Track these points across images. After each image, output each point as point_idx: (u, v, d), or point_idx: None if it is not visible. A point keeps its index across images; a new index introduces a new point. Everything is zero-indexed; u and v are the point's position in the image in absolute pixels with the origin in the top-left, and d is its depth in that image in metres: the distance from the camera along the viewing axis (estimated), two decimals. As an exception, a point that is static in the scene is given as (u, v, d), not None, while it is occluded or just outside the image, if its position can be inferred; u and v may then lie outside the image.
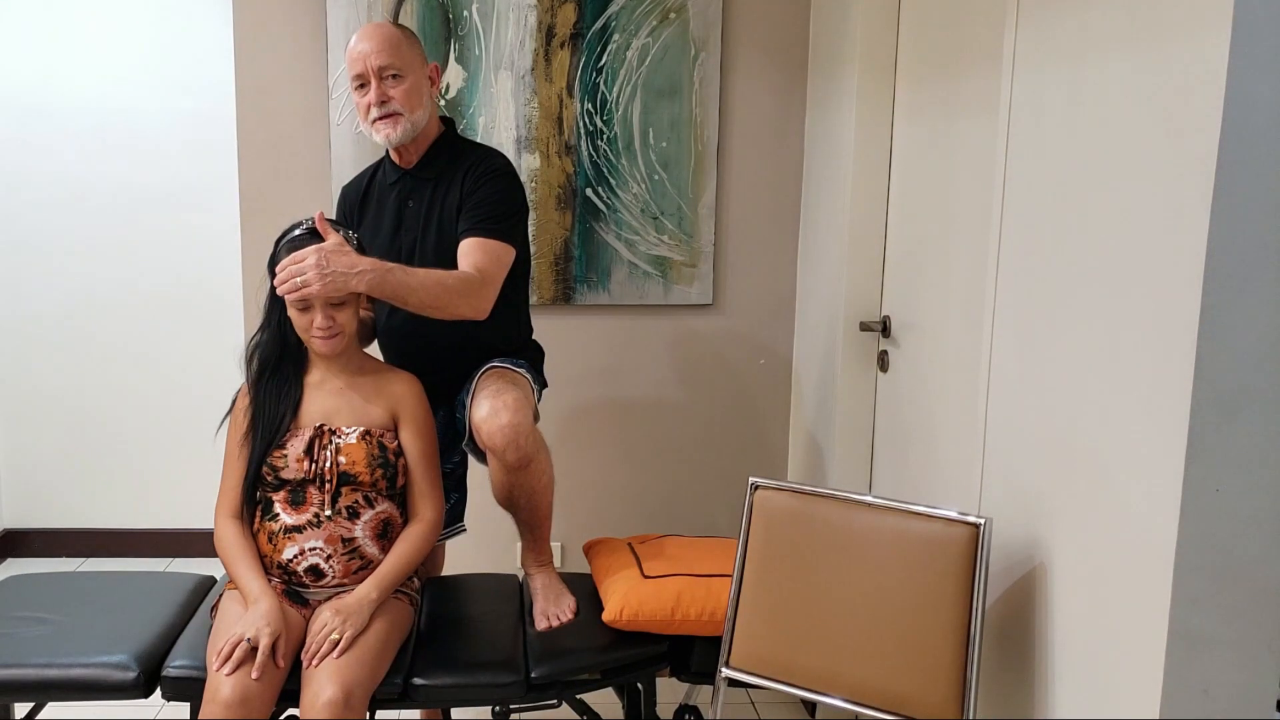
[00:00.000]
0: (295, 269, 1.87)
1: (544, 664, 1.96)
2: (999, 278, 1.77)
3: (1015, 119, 1.72)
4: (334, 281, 1.87)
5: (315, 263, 1.86)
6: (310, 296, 1.89)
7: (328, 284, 1.87)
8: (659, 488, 3.06)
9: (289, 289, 1.88)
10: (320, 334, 1.93)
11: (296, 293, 1.88)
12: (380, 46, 2.11)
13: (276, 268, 1.91)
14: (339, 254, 1.89)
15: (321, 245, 1.89)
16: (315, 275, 1.86)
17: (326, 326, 1.93)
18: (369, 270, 1.91)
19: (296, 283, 1.86)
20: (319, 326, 1.92)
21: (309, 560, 1.93)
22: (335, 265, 1.87)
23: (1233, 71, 1.17)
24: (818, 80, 2.83)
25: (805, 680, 1.82)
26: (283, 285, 1.88)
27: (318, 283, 1.86)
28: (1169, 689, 1.30)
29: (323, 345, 1.96)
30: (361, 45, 2.12)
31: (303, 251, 1.88)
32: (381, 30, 2.14)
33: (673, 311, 2.98)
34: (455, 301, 2.01)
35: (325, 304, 1.92)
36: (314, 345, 1.98)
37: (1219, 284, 1.21)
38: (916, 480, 2.25)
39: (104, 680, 1.87)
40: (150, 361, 3.78)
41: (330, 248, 1.89)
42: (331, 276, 1.87)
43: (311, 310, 1.92)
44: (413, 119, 2.14)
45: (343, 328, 1.95)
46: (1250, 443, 1.24)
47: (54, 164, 3.67)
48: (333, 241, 1.91)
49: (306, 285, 1.86)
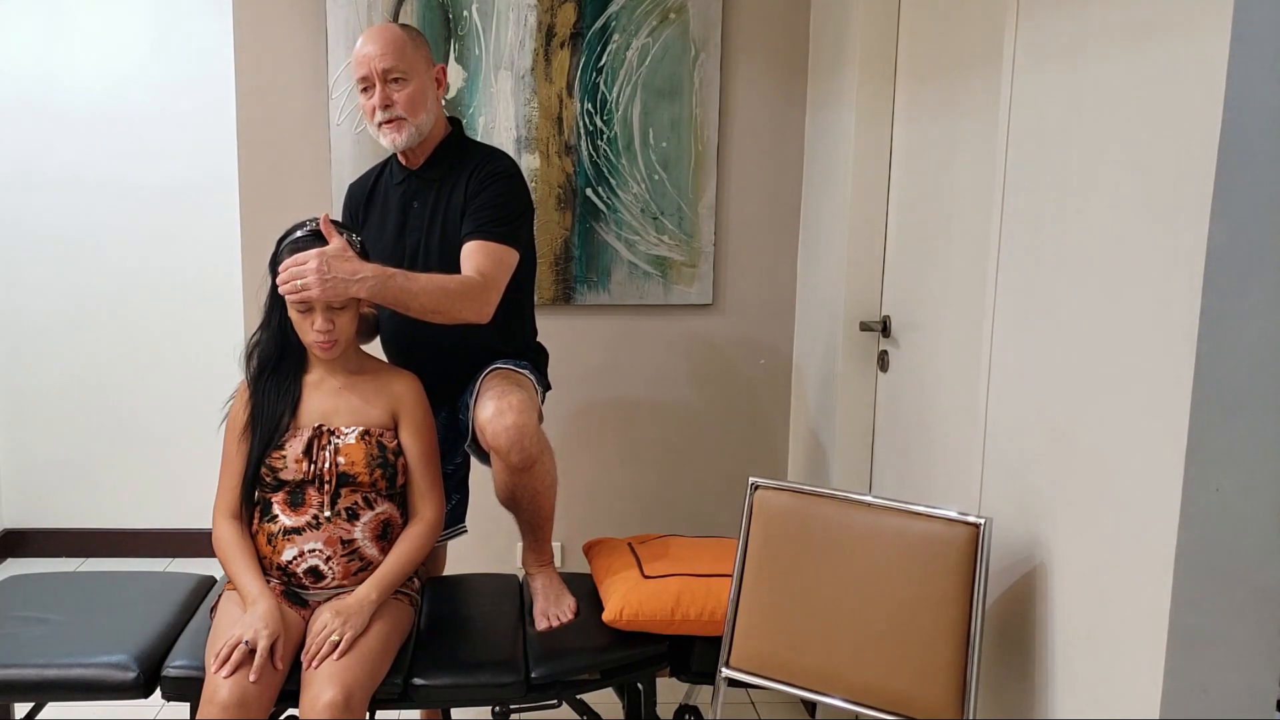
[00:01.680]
0: (297, 271, 1.87)
1: (544, 664, 1.96)
2: (999, 277, 1.76)
3: (1015, 119, 1.71)
4: (334, 287, 1.87)
5: (316, 267, 1.86)
6: (310, 300, 1.90)
7: (328, 289, 1.87)
8: (659, 488, 3.06)
9: (289, 290, 1.88)
10: (319, 337, 1.93)
11: (297, 295, 1.88)
12: (385, 49, 2.10)
13: (279, 268, 1.91)
14: (341, 259, 1.89)
15: (324, 250, 1.89)
16: (316, 280, 1.86)
17: (326, 330, 1.93)
18: (370, 277, 1.90)
19: (297, 285, 1.87)
20: (318, 329, 1.93)
21: (308, 562, 1.93)
22: (336, 270, 1.87)
23: (1233, 71, 1.17)
24: (818, 80, 2.83)
25: (805, 680, 1.82)
26: (284, 285, 1.89)
27: (317, 287, 1.86)
28: (1169, 689, 1.30)
29: (321, 350, 1.96)
30: (367, 48, 2.11)
31: (305, 254, 1.88)
32: (387, 33, 2.13)
33: (673, 311, 2.98)
34: (457, 306, 2.00)
35: (326, 307, 1.92)
36: (313, 349, 1.98)
37: (1219, 284, 1.21)
38: (916, 480, 2.25)
39: (104, 680, 1.87)
40: (150, 361, 3.78)
41: (332, 252, 1.89)
42: (332, 282, 1.87)
43: (312, 313, 1.93)
44: (417, 123, 2.13)
45: (341, 333, 1.96)
46: (1250, 443, 1.24)
47: (54, 163, 3.67)
48: (335, 246, 1.91)
49: (307, 289, 1.86)
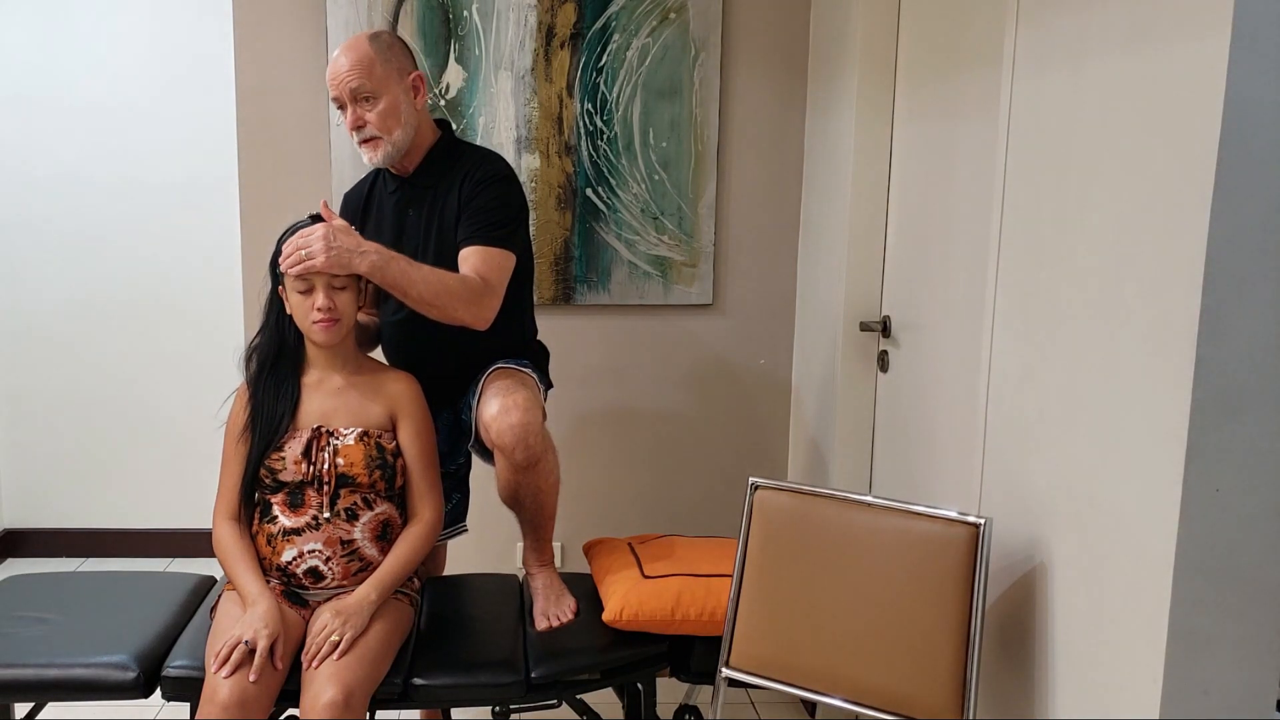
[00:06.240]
0: (302, 242, 1.89)
1: (544, 664, 1.96)
2: (999, 278, 1.76)
3: (1015, 119, 1.72)
4: (339, 256, 1.89)
5: (323, 235, 1.88)
6: (313, 269, 1.89)
7: (332, 257, 1.88)
8: (659, 488, 3.06)
9: (294, 262, 1.89)
10: (320, 316, 1.92)
11: (301, 265, 1.88)
12: (352, 67, 2.07)
13: (284, 246, 1.92)
14: (346, 233, 1.93)
15: (330, 222, 1.93)
16: (322, 247, 1.87)
17: (327, 308, 1.92)
18: (373, 252, 1.93)
19: (301, 255, 1.88)
20: (319, 308, 1.92)
21: (308, 563, 1.93)
22: (342, 241, 1.90)
23: (1233, 71, 1.17)
24: (818, 80, 2.83)
25: (805, 680, 1.82)
26: (287, 260, 1.90)
27: (323, 254, 1.87)
28: (1169, 689, 1.30)
29: (322, 331, 1.94)
30: (334, 66, 2.09)
31: (311, 227, 1.91)
32: (355, 50, 2.09)
33: (673, 311, 2.98)
34: (455, 304, 2.00)
35: (328, 286, 1.92)
36: (313, 333, 1.96)
37: (1219, 284, 1.21)
38: (916, 480, 2.25)
39: (104, 680, 1.87)
40: (150, 361, 3.78)
41: (339, 226, 1.93)
42: (337, 251, 1.89)
43: (313, 293, 1.92)
44: (392, 140, 2.11)
45: (342, 313, 1.95)
46: (1250, 443, 1.24)
47: (53, 163, 3.67)
48: (340, 222, 1.95)
49: (311, 258, 1.87)
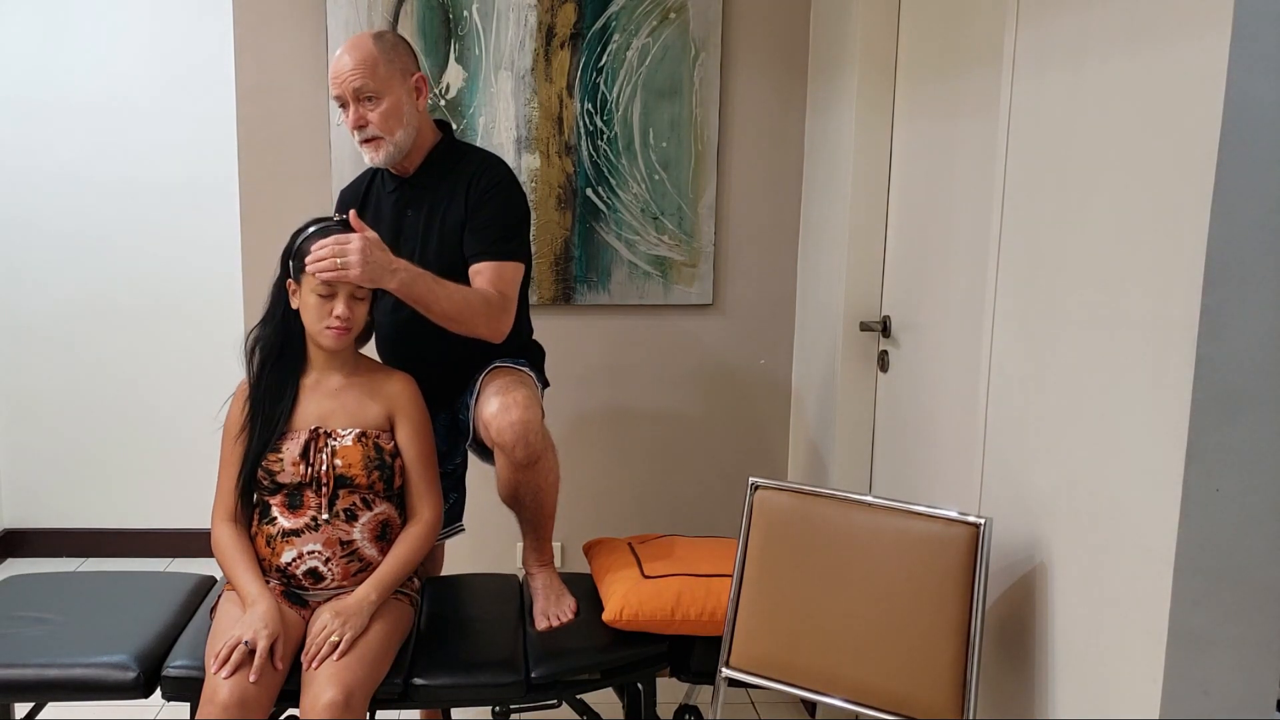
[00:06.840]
0: (339, 249, 1.87)
1: (544, 664, 1.96)
2: (999, 278, 1.76)
3: (1015, 119, 1.71)
4: (373, 271, 1.88)
5: (361, 247, 1.87)
6: (346, 280, 1.89)
7: (367, 270, 1.87)
8: (659, 487, 3.06)
9: (327, 267, 1.87)
10: (335, 324, 1.92)
11: (335, 273, 1.87)
12: (355, 67, 2.07)
13: (314, 246, 1.89)
14: (379, 248, 1.92)
15: (366, 235, 1.91)
16: (359, 260, 1.86)
17: (345, 318, 1.92)
18: (403, 270, 1.93)
19: (337, 263, 1.87)
20: (338, 315, 1.92)
21: (308, 564, 1.93)
22: (377, 257, 1.90)
23: (1233, 71, 1.17)
24: (818, 80, 2.83)
25: (805, 680, 1.82)
26: (320, 264, 1.87)
27: (359, 267, 1.86)
28: (1169, 689, 1.30)
29: (334, 338, 1.94)
30: (338, 65, 2.09)
31: (349, 235, 1.89)
32: (359, 49, 2.08)
33: (673, 311, 2.98)
34: (476, 320, 2.03)
35: (350, 296, 1.92)
36: (323, 337, 1.96)
37: (1219, 284, 1.21)
38: (916, 480, 2.25)
39: (104, 680, 1.87)
40: (150, 361, 3.78)
41: (373, 240, 1.92)
42: (372, 266, 1.88)
43: (333, 299, 1.92)
44: (394, 140, 2.11)
45: (355, 323, 1.96)
46: (1250, 443, 1.24)
47: (53, 163, 3.67)
48: (374, 236, 1.94)
49: (347, 268, 1.86)
